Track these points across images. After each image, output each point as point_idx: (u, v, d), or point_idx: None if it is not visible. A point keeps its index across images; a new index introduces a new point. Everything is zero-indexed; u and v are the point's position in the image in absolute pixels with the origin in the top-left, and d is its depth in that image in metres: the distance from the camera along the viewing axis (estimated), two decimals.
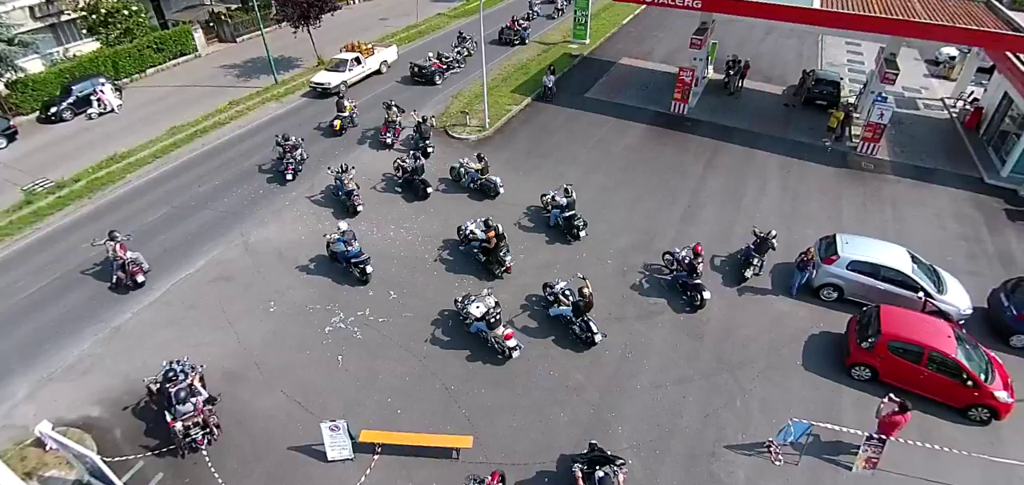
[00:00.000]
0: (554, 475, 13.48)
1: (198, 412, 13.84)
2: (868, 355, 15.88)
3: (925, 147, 27.30)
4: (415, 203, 23.34)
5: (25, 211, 23.73)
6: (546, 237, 21.33)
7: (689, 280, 18.25)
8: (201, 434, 13.83)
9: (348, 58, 33.62)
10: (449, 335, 17.15)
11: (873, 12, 25.84)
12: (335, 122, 28.35)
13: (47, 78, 32.50)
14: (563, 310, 17.10)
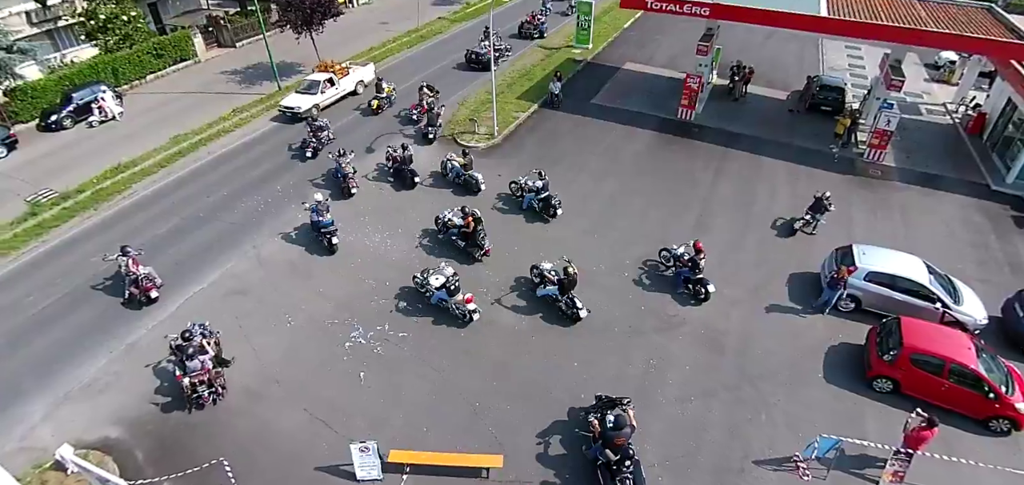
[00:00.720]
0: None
1: (205, 371, 14.85)
2: (890, 368, 15.98)
3: (930, 153, 27.53)
4: (402, 191, 24.77)
5: (30, 223, 23.40)
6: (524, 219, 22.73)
7: (692, 276, 18.76)
8: (207, 392, 15.01)
9: (320, 79, 31.10)
10: (471, 351, 17.05)
11: (880, 20, 25.97)
12: (373, 102, 31.84)
13: (46, 85, 32.02)
14: (550, 289, 18.12)
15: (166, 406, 15.40)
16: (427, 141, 28.22)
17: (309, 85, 31.28)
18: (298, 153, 27.54)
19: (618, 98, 32.16)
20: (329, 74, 31.60)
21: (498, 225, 22.35)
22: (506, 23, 42.68)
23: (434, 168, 25.82)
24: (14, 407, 15.69)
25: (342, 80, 32.38)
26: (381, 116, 31.49)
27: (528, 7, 46.95)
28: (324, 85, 31.15)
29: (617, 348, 17.14)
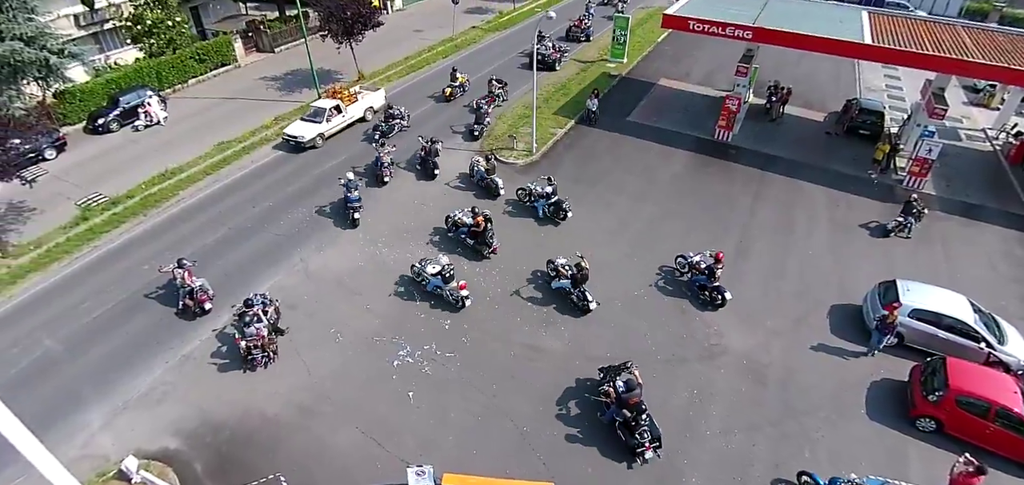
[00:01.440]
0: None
1: (259, 337, 16.91)
2: (934, 408, 16.00)
3: (970, 181, 27.30)
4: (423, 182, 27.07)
5: (81, 228, 24.12)
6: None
7: (708, 283, 19.60)
8: (260, 355, 17.10)
9: (327, 107, 29.68)
10: (518, 376, 17.35)
11: (924, 46, 25.82)
12: (446, 90, 34.23)
13: (94, 88, 32.89)
14: (563, 283, 19.56)
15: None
16: (473, 138, 30.35)
17: (315, 112, 29.93)
18: (367, 140, 30.28)
19: (654, 116, 32.25)
20: (336, 101, 30.31)
21: (513, 228, 23.84)
22: (549, 29, 42.89)
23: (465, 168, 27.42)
24: (75, 414, 16.29)
25: (350, 108, 31.03)
26: (452, 104, 34.23)
27: (566, 13, 47.20)
28: (330, 113, 29.78)
29: (661, 375, 17.33)
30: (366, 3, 34.04)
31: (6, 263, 22.38)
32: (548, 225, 24.01)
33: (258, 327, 17.03)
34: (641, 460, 14.76)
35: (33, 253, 22.86)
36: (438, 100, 34.86)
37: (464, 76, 35.43)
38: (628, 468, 14.89)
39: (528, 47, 43.13)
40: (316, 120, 29.57)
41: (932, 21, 29.91)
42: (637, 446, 14.45)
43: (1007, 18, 50.60)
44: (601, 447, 15.36)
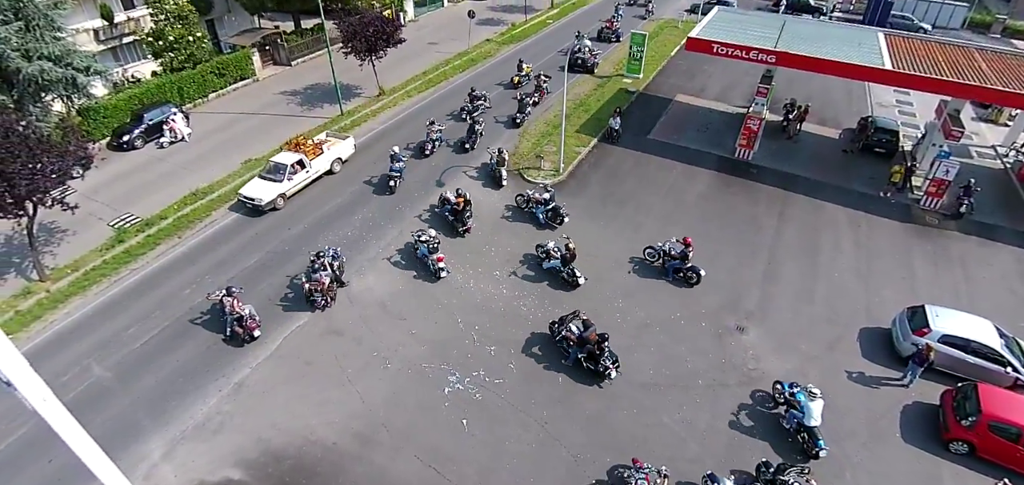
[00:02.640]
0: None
1: (320, 283, 20.06)
2: (967, 433, 16.69)
3: (983, 201, 28.00)
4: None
5: (118, 250, 24.34)
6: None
7: (682, 265, 21.86)
8: (319, 298, 20.27)
9: (287, 162, 26.36)
10: (566, 401, 17.85)
11: (941, 69, 26.55)
12: (514, 78, 37.60)
13: (117, 105, 33.01)
14: (554, 263, 21.94)
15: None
16: (515, 126, 33.72)
17: (274, 168, 26.63)
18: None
19: (674, 133, 32.84)
20: (298, 155, 27.03)
21: (515, 232, 25.46)
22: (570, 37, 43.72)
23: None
24: (134, 444, 16.61)
25: (315, 161, 27.74)
26: (518, 91, 37.54)
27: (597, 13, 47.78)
28: (293, 168, 26.59)
29: (704, 400, 17.92)
30: (388, 21, 34.34)
31: (45, 287, 22.58)
32: (546, 229, 25.38)
33: (322, 275, 20.19)
34: (608, 379, 18.01)
35: (71, 277, 23.07)
36: (507, 87, 39.07)
37: (529, 66, 39.61)
38: (599, 387, 18.18)
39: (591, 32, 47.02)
40: (276, 178, 26.30)
41: (945, 42, 30.67)
42: (604, 369, 17.71)
43: (1009, 30, 51.72)
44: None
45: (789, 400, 17.11)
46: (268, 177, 26.65)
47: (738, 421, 17.47)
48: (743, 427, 17.33)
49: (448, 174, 29.45)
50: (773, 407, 17.69)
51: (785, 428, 17.07)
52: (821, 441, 16.13)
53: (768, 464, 15.35)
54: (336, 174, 29.23)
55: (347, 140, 30.11)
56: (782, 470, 14.89)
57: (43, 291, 22.45)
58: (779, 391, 17.64)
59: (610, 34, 48.66)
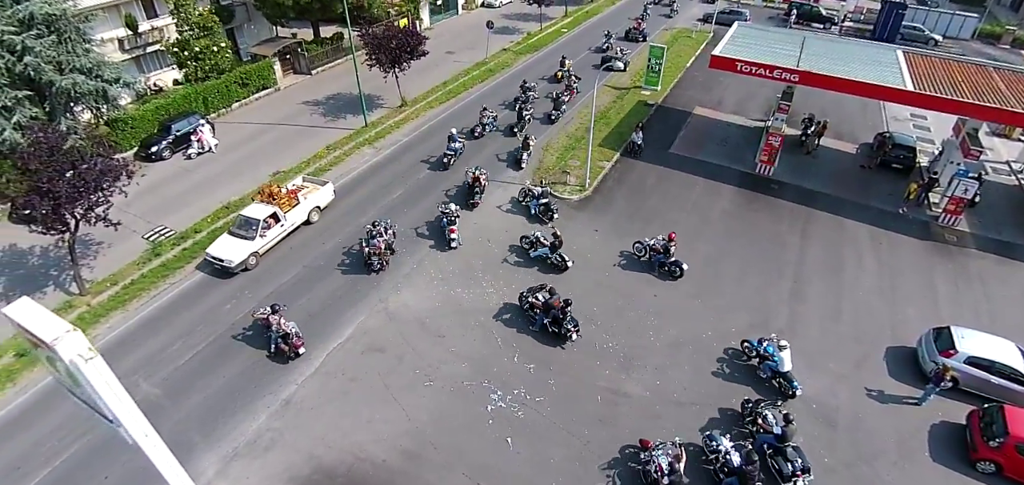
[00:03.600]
0: None
1: (377, 248, 23.22)
2: (995, 453, 17.27)
3: (1000, 217, 28.62)
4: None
5: (155, 264, 24.79)
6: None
7: (665, 259, 23.47)
8: (376, 262, 23.41)
9: (259, 217, 23.98)
10: (607, 419, 18.37)
11: (960, 90, 27.11)
12: (557, 73, 40.34)
13: (144, 115, 33.42)
14: (542, 251, 23.96)
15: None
16: (550, 121, 36.47)
17: (244, 224, 24.15)
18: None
19: (695, 148, 33.36)
20: (272, 208, 24.65)
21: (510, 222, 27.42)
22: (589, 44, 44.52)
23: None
24: (188, 462, 16.93)
25: (291, 214, 25.53)
26: (560, 84, 40.94)
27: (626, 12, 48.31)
28: (266, 223, 24.20)
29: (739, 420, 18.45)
30: (412, 33, 34.80)
31: (85, 301, 23.04)
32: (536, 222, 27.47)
33: (378, 241, 23.27)
34: (570, 341, 20.49)
35: (110, 291, 23.54)
36: (550, 81, 42.33)
37: (570, 62, 42.85)
38: (561, 348, 20.54)
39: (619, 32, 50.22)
40: (247, 235, 23.92)
41: (963, 61, 31.21)
42: (566, 333, 20.19)
43: (1019, 41, 52.29)
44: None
45: (761, 354, 19.52)
46: (238, 234, 24.07)
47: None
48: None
49: (482, 156, 32.53)
50: (747, 361, 20.17)
51: (762, 377, 19.48)
52: (795, 382, 18.81)
53: (749, 400, 18.34)
54: (314, 223, 27.05)
55: (326, 187, 27.59)
56: (759, 405, 17.77)
57: (84, 305, 22.91)
58: (748, 348, 20.14)
59: (637, 34, 51.80)
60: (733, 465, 15.91)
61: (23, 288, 23.51)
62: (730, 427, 18.02)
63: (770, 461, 16.76)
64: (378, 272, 23.70)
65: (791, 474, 16.10)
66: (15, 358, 20.51)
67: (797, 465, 16.25)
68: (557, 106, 36.95)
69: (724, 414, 18.64)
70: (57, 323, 9.05)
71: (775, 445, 16.78)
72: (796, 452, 16.60)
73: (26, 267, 24.90)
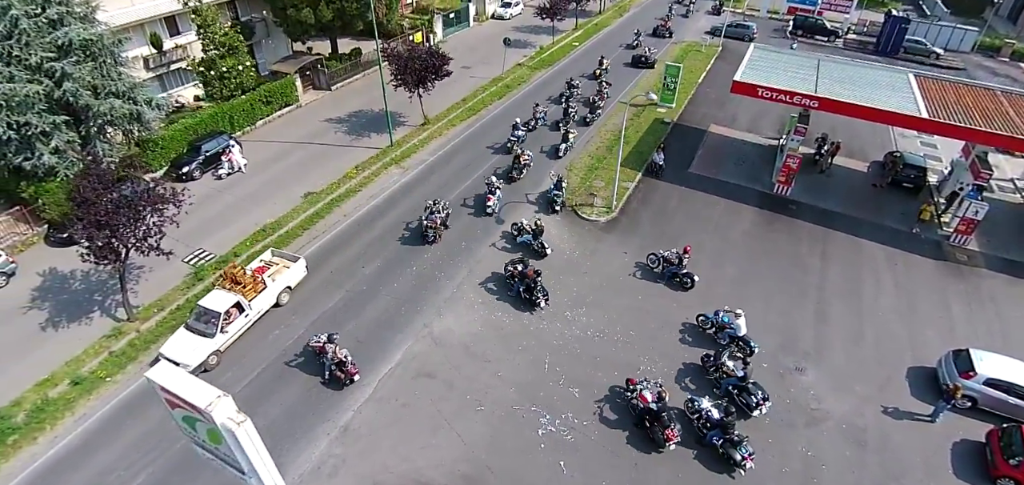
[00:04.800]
0: None
1: (433, 224, 27.20)
2: (1015, 471, 18.48)
3: (1009, 236, 29.85)
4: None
5: (198, 288, 25.43)
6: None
7: (678, 270, 25.05)
8: (431, 235, 27.33)
9: (220, 309, 21.31)
10: (650, 439, 19.38)
11: (973, 118, 28.31)
12: (596, 71, 45.67)
13: (173, 135, 33.99)
14: (526, 237, 27.17)
15: None
16: (585, 124, 39.65)
17: (203, 317, 21.43)
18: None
19: (713, 167, 34.43)
20: (235, 296, 21.93)
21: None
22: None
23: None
24: None
25: (257, 300, 22.78)
26: (597, 81, 45.01)
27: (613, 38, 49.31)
28: (228, 315, 21.49)
29: (776, 440, 19.54)
30: (436, 54, 35.60)
31: (134, 327, 23.67)
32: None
33: (435, 217, 27.43)
34: (538, 308, 23.93)
35: (158, 316, 24.17)
36: (589, 78, 46.69)
37: (608, 61, 47.38)
38: (531, 313, 23.89)
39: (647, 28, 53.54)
40: (206, 331, 21.22)
41: (972, 85, 32.46)
42: (535, 300, 23.83)
43: (1018, 53, 53.76)
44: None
45: (718, 324, 22.42)
46: (196, 329, 21.33)
47: (808, 462, 19.12)
48: (812, 464, 19.01)
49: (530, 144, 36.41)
50: (706, 332, 23.05)
51: (722, 344, 22.04)
52: (753, 343, 21.83)
53: (708, 354, 21.64)
54: (284, 305, 24.29)
55: (297, 263, 24.73)
56: (720, 356, 20.90)
57: (133, 331, 23.54)
58: (704, 321, 23.03)
59: (664, 31, 57.80)
60: (714, 419, 18.73)
61: (69, 313, 24.13)
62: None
63: (737, 398, 20.23)
64: (432, 243, 27.50)
65: (756, 404, 19.72)
66: (70, 386, 21.13)
67: (759, 396, 19.83)
68: (593, 109, 40.29)
69: (760, 431, 19.65)
70: (205, 389, 9.91)
71: (738, 385, 20.33)
72: (756, 386, 20.14)
73: (69, 292, 25.48)
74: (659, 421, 18.82)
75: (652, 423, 19.09)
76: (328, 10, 40.12)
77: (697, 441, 19.17)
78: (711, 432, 18.81)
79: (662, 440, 18.65)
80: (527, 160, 32.96)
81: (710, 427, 18.84)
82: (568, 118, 38.16)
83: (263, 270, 24.05)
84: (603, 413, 20.32)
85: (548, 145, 36.85)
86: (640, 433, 19.57)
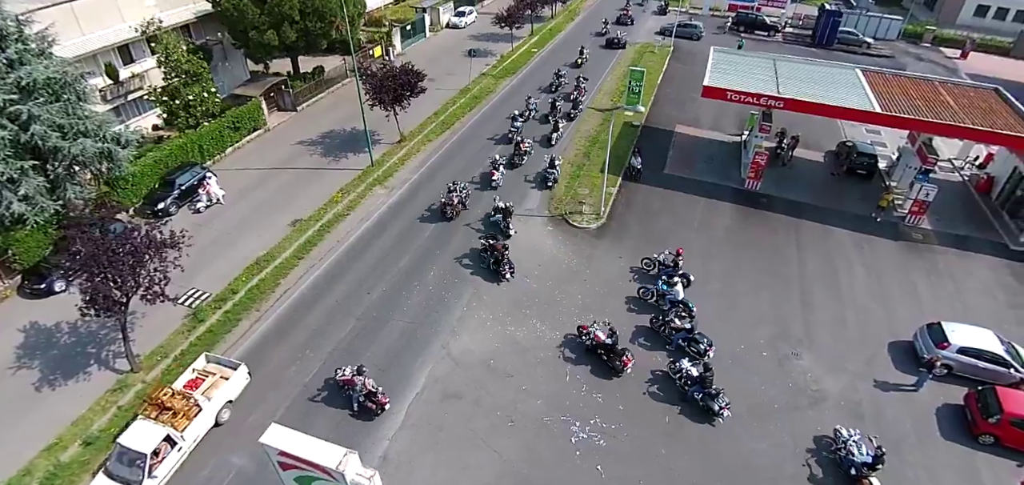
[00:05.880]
0: None
1: (451, 202, 30.84)
2: (993, 428, 20.88)
3: (953, 214, 33.00)
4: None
5: (200, 330, 24.84)
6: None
7: (674, 272, 26.26)
8: (450, 211, 30.78)
9: (146, 450, 17.72)
10: (674, 434, 20.61)
11: (919, 109, 31.17)
12: (577, 60, 52.12)
13: (144, 171, 32.74)
14: (498, 217, 29.76)
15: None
16: (569, 119, 42.88)
17: (126, 459, 17.88)
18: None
19: (686, 167, 36.24)
20: (164, 429, 18.40)
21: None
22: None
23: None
24: None
25: (188, 429, 19.05)
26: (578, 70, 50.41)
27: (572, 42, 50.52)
28: (156, 454, 18.06)
29: (785, 422, 21.20)
30: (413, 72, 35.78)
31: (140, 378, 22.92)
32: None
33: (453, 196, 31.10)
34: (505, 280, 26.89)
35: (163, 364, 23.43)
36: (571, 66, 52.39)
37: (588, 51, 53.93)
38: (498, 284, 26.63)
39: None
40: (131, 475, 17.71)
41: (912, 77, 35.58)
42: (503, 272, 26.80)
43: (938, 39, 58.72)
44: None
45: (658, 292, 25.51)
46: (119, 476, 17.81)
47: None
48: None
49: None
50: (648, 301, 26.04)
51: (664, 309, 24.90)
52: (691, 303, 24.63)
53: (656, 316, 24.53)
54: (223, 424, 20.88)
55: (238, 371, 21.35)
56: (667, 314, 24.12)
57: (139, 382, 22.77)
58: (645, 292, 26.13)
59: (627, 19, 66.11)
60: (693, 377, 21.44)
61: (63, 369, 23.01)
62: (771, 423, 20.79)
63: (687, 348, 23.39)
64: (450, 220, 30.83)
65: (704, 350, 22.92)
66: (83, 447, 20.38)
67: (706, 343, 23.03)
68: (575, 105, 43.71)
69: (771, 418, 21.21)
70: (330, 449, 10.21)
71: (687, 337, 23.52)
72: (701, 335, 23.26)
73: (58, 346, 24.33)
74: (614, 352, 22.33)
75: (609, 355, 22.51)
76: (292, 31, 39.45)
77: (681, 398, 21.84)
78: (692, 387, 21.42)
79: (620, 367, 22.36)
80: (527, 148, 36.48)
81: (692, 383, 21.43)
82: (556, 111, 42.02)
83: (196, 384, 20.48)
84: (631, 415, 21.36)
85: (540, 135, 40.24)
86: (598, 365, 23.20)
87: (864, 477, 19.02)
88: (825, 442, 20.75)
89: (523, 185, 34.99)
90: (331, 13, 40.32)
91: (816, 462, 20.16)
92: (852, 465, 19.24)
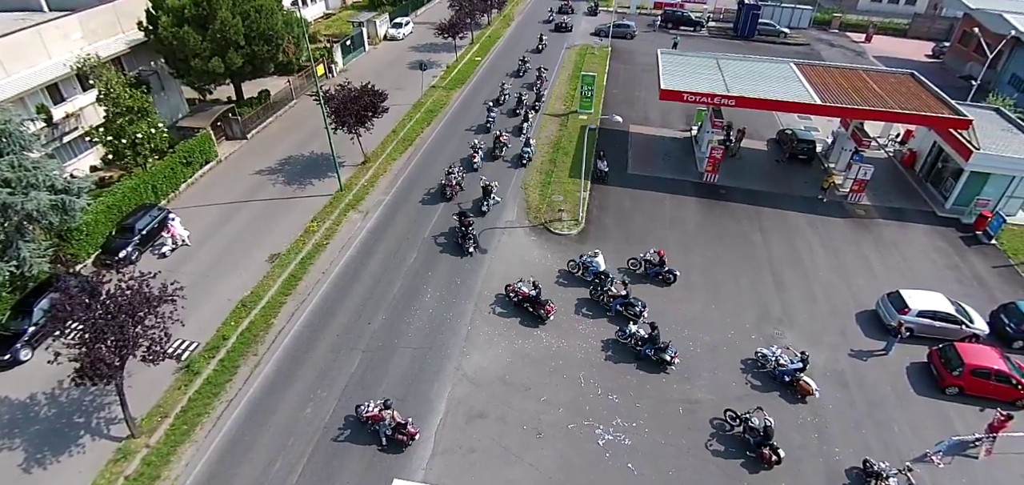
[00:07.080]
0: None
1: (450, 184, 33.82)
2: (958, 380, 23.74)
3: (886, 188, 36.65)
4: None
5: (197, 383, 23.73)
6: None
7: (661, 270, 28.07)
8: (449, 191, 33.93)
9: None
10: (693, 427, 22.02)
11: (851, 97, 34.40)
12: (538, 46, 57.71)
13: (97, 218, 30.70)
14: (480, 196, 32.92)
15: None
16: (535, 111, 45.89)
17: None
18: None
19: (647, 166, 38.06)
20: None
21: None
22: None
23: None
24: None
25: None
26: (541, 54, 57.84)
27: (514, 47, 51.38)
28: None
29: (782, 403, 23.11)
30: (376, 93, 35.46)
31: (142, 443, 21.68)
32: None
33: (451, 178, 34.07)
34: (469, 254, 29.59)
35: (164, 425, 22.24)
36: (534, 52, 58.63)
37: (547, 39, 60.80)
38: (462, 257, 29.38)
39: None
40: None
41: (839, 67, 39.06)
42: (467, 247, 29.44)
43: (844, 24, 64.24)
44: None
45: (582, 264, 28.06)
46: None
47: (810, 407, 22.93)
48: (815, 407, 22.92)
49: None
50: (577, 274, 28.57)
51: (588, 280, 27.87)
52: (610, 275, 27.13)
53: (594, 288, 27.20)
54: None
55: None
56: (604, 284, 26.77)
57: (143, 447, 21.59)
58: (573, 265, 28.55)
59: (567, 9, 73.21)
60: (642, 337, 24.03)
61: (51, 445, 21.32)
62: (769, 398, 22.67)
63: (624, 312, 25.99)
64: (450, 200, 33.58)
65: (639, 313, 25.76)
66: None
67: (639, 306, 25.89)
68: (539, 97, 47.20)
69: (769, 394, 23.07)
70: None
71: (623, 302, 26.10)
72: (636, 299, 26.05)
73: (39, 419, 22.55)
74: (538, 302, 25.67)
75: (534, 306, 25.81)
76: (238, 56, 37.97)
77: (635, 357, 24.37)
78: (644, 347, 24.00)
79: (544, 316, 25.71)
80: (506, 140, 39.33)
81: (643, 343, 24.05)
82: (522, 104, 45.04)
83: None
84: (648, 411, 22.57)
85: (511, 127, 43.51)
86: (526, 315, 26.37)
87: (799, 380, 23.02)
88: (757, 365, 24.07)
89: (500, 163, 38.87)
90: (278, 35, 39.12)
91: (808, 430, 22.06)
92: (785, 373, 23.29)
